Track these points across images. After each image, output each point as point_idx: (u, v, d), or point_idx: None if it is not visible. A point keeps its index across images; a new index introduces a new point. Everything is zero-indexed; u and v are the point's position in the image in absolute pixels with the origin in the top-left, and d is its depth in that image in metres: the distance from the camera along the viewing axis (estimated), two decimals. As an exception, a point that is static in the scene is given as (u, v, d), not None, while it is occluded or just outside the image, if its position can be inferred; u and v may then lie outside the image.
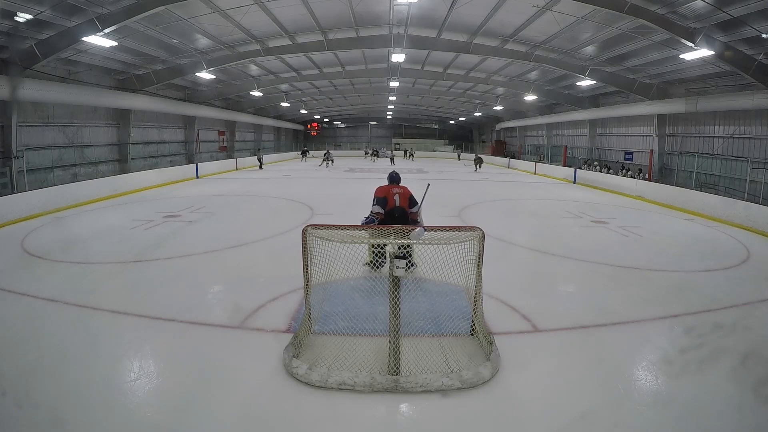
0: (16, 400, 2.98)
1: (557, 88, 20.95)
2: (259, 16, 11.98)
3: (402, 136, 44.64)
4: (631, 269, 6.23)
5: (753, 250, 7.56)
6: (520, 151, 30.16)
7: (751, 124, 13.33)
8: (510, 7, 11.28)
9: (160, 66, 15.52)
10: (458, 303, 4.48)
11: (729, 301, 5.06)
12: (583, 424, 2.87)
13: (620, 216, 10.79)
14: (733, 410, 3.05)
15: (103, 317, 4.35)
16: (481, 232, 3.69)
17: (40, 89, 11.60)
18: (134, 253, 6.67)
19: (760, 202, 10.12)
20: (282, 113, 33.13)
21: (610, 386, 3.29)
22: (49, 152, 13.15)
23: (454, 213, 10.49)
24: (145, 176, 15.00)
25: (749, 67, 10.83)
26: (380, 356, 3.41)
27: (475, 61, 17.68)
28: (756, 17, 9.24)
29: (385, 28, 13.49)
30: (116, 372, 3.39)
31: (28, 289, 5.03)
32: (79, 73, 13.60)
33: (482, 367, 3.35)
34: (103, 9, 9.66)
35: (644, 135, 18.47)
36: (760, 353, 3.85)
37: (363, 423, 2.89)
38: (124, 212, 10.27)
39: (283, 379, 3.27)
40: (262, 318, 4.37)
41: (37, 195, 9.94)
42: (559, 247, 7.38)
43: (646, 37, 11.52)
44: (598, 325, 4.35)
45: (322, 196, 13.28)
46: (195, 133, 22.03)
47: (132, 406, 2.99)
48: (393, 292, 3.23)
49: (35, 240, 7.50)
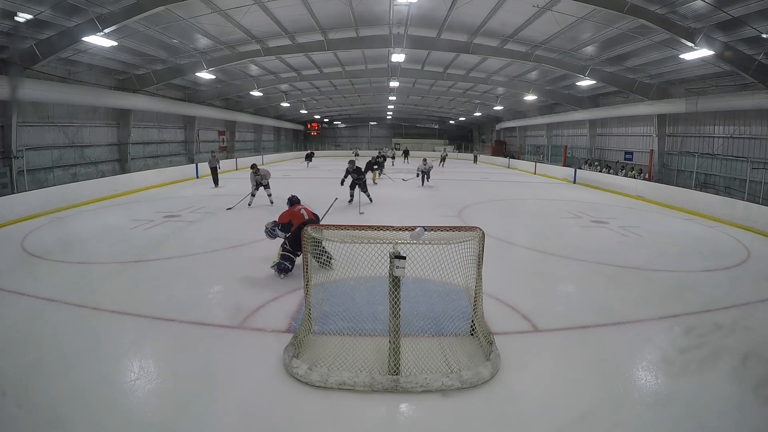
0: (16, 400, 2.98)
1: (557, 88, 20.95)
2: (259, 16, 11.99)
3: (402, 136, 44.62)
4: (631, 269, 6.23)
5: (753, 250, 7.56)
6: (519, 151, 30.15)
7: (751, 124, 13.32)
8: (510, 7, 11.28)
9: (160, 66, 15.52)
10: (458, 303, 4.48)
11: (729, 301, 5.06)
12: (583, 424, 2.87)
13: (620, 216, 10.79)
14: (733, 410, 3.05)
15: (103, 317, 4.35)
16: (481, 232, 3.69)
17: (40, 89, 11.61)
18: (134, 253, 6.67)
19: (760, 202, 10.12)
20: (282, 113, 33.13)
21: (610, 386, 3.29)
22: (49, 152, 13.15)
23: (454, 213, 10.50)
24: (145, 176, 15.00)
25: (749, 67, 10.83)
26: (380, 356, 3.41)
27: (475, 61, 17.68)
28: (756, 17, 9.24)
29: (385, 28, 13.49)
30: (116, 372, 3.39)
31: (28, 289, 5.03)
32: (79, 73, 13.60)
33: (482, 367, 3.35)
34: (103, 9, 9.66)
35: (644, 135, 18.47)
36: (760, 353, 3.85)
37: (363, 423, 2.89)
38: (124, 212, 10.26)
39: (283, 379, 3.27)
40: (262, 318, 4.37)
41: (37, 195, 9.94)
42: (559, 247, 7.38)
43: (646, 37, 11.52)
44: (598, 325, 4.35)
45: (323, 196, 13.26)
46: (195, 133, 22.03)
47: (132, 406, 2.99)
48: (393, 292, 3.23)
49: (35, 240, 7.50)
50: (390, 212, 10.49)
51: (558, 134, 26.86)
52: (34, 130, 12.69)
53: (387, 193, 14.08)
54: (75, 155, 14.20)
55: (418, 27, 13.37)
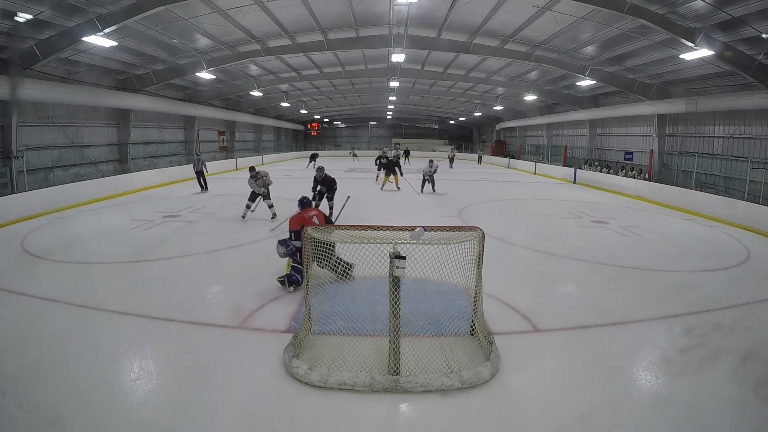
0: (16, 400, 2.98)
1: (557, 88, 20.95)
2: (259, 16, 11.99)
3: (402, 136, 44.60)
4: (631, 269, 6.23)
5: (753, 250, 7.56)
6: (519, 151, 30.14)
7: (751, 124, 13.32)
8: (510, 7, 11.29)
9: (160, 66, 15.52)
10: (458, 303, 4.48)
11: (729, 301, 5.06)
12: (583, 424, 2.86)
13: (620, 216, 10.79)
14: (733, 410, 3.05)
15: (103, 317, 4.35)
16: (481, 232, 3.69)
17: (40, 89, 11.60)
18: (134, 253, 6.67)
19: (760, 202, 10.12)
20: (282, 113, 33.13)
21: (610, 386, 3.29)
22: (49, 152, 13.15)
23: (454, 213, 10.50)
24: (145, 176, 14.99)
25: (749, 67, 10.83)
26: (380, 356, 3.41)
27: (475, 61, 17.68)
28: (756, 17, 9.24)
29: (385, 28, 13.50)
30: (116, 372, 3.39)
31: (28, 289, 5.03)
32: (79, 73, 13.60)
33: (482, 367, 3.35)
34: (103, 9, 9.66)
35: (644, 135, 18.47)
36: (760, 353, 3.85)
37: (363, 423, 2.89)
38: (124, 212, 10.26)
39: (283, 379, 3.27)
40: (262, 318, 4.37)
41: (37, 195, 9.94)
42: (559, 247, 7.38)
43: (646, 37, 11.52)
44: (598, 325, 4.35)
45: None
46: (195, 133, 22.03)
47: (132, 406, 2.99)
48: (393, 292, 3.23)
49: (35, 240, 7.50)
50: (390, 212, 10.50)
51: (558, 134, 26.86)
52: (34, 130, 12.69)
53: (387, 193, 14.07)
54: (75, 155, 14.20)
55: (418, 27, 13.37)
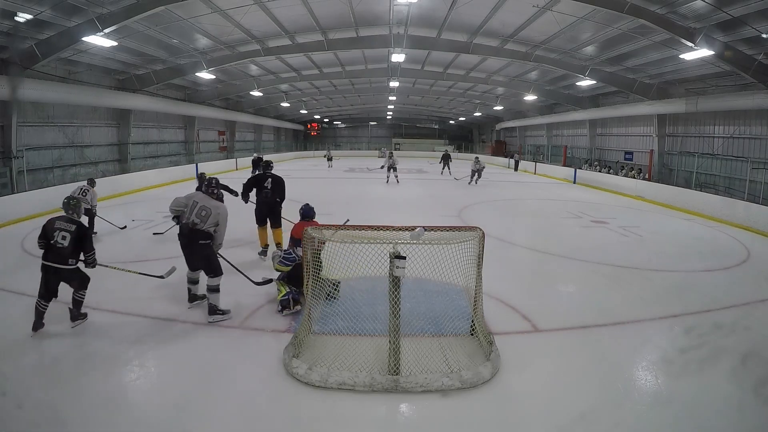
0: (16, 400, 2.98)
1: (557, 88, 20.94)
2: (259, 16, 11.98)
3: (402, 136, 44.59)
4: (631, 269, 6.23)
5: (753, 250, 7.57)
6: (520, 151, 30.13)
7: (751, 124, 13.31)
8: (510, 7, 11.27)
9: (160, 66, 15.51)
10: (458, 303, 4.48)
11: (729, 301, 5.06)
12: (583, 424, 2.87)
13: (620, 216, 10.79)
14: (733, 410, 3.05)
15: (103, 317, 4.35)
16: (481, 232, 3.69)
17: (40, 89, 11.59)
18: (134, 253, 6.67)
19: (760, 202, 10.12)
20: (282, 113, 33.10)
21: (610, 386, 3.29)
22: (49, 152, 13.13)
23: (454, 213, 10.50)
24: (145, 176, 14.99)
25: (749, 67, 10.82)
26: (380, 356, 3.41)
27: (475, 61, 17.66)
28: (756, 17, 9.23)
29: (385, 28, 13.48)
30: (116, 372, 3.39)
31: (28, 289, 5.01)
32: (79, 73, 13.58)
33: (482, 367, 3.35)
34: (103, 9, 9.65)
35: (644, 135, 18.45)
36: (760, 353, 3.85)
37: (363, 423, 2.89)
38: (124, 212, 10.25)
39: (282, 379, 3.27)
40: (262, 318, 4.37)
41: (37, 195, 9.93)
42: (559, 247, 7.38)
43: (646, 37, 11.51)
44: (598, 325, 4.35)
45: (322, 196, 13.26)
46: (195, 133, 22.02)
47: (132, 406, 2.99)
48: (393, 292, 3.23)
49: (35, 240, 7.48)
50: (390, 212, 10.50)
51: (558, 134, 26.85)
52: (34, 130, 12.67)
53: (387, 193, 14.08)
54: (75, 155, 14.18)
55: (418, 27, 13.36)
